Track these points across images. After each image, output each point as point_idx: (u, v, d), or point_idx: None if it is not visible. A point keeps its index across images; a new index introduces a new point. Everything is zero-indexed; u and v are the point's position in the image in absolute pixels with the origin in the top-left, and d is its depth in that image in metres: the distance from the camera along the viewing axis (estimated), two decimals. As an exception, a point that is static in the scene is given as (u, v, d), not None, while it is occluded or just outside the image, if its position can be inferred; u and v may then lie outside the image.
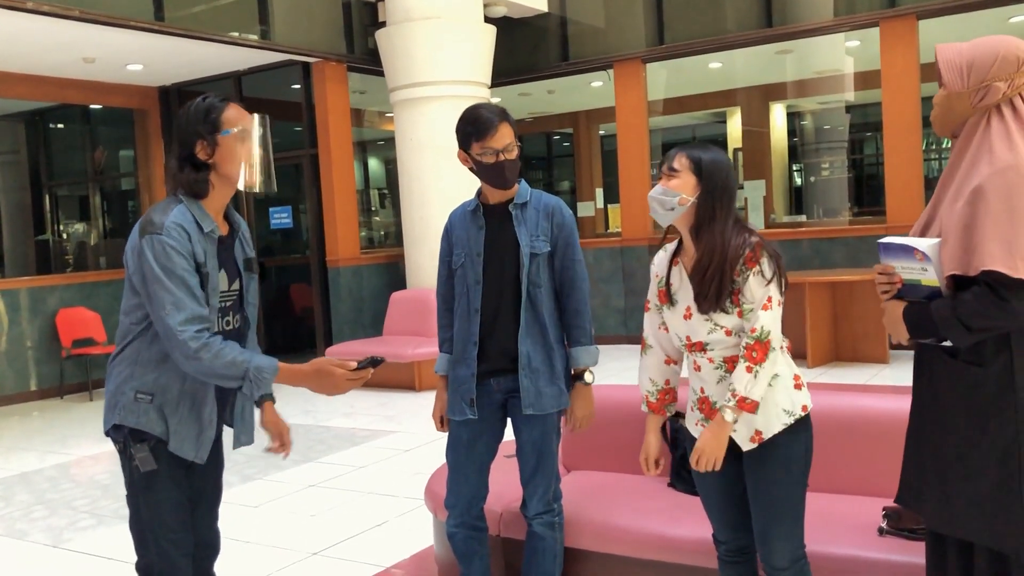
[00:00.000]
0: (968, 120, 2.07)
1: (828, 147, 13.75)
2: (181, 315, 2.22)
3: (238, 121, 2.37)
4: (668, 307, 2.56)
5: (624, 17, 9.84)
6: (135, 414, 2.35)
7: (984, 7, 8.19)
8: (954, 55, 2.09)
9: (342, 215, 9.22)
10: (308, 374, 2.30)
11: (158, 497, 2.39)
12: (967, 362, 2.03)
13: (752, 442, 2.46)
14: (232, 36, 8.18)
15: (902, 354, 8.18)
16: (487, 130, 2.82)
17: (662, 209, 2.48)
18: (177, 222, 2.28)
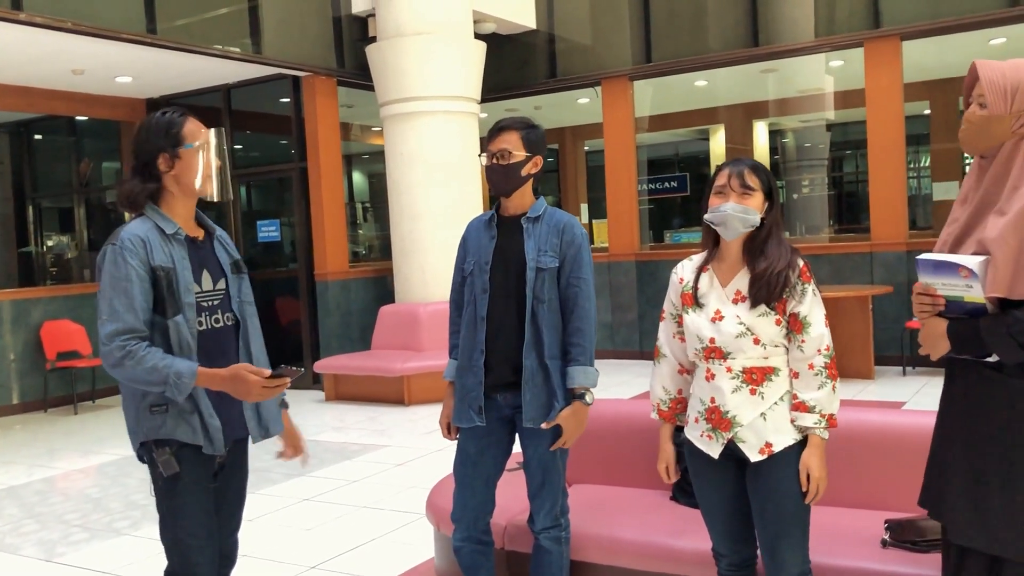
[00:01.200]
0: (1004, 143, 2.07)
1: (809, 165, 13.94)
2: (111, 326, 2.32)
3: (198, 135, 2.50)
4: (693, 309, 2.59)
5: (612, 35, 9.95)
6: (155, 427, 2.41)
7: (965, 29, 8.35)
8: (998, 76, 2.07)
9: (331, 228, 9.22)
10: (224, 378, 2.37)
11: (182, 501, 2.43)
12: (1007, 374, 2.03)
13: (761, 453, 2.50)
14: (223, 49, 8.19)
15: (887, 370, 8.28)
16: (491, 133, 2.98)
17: (743, 227, 2.53)
18: (133, 232, 2.40)
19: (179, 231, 2.47)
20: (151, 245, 2.39)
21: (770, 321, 2.49)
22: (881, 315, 8.36)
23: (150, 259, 2.38)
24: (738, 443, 2.52)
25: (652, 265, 9.86)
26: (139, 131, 2.50)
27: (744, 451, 2.51)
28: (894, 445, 3.14)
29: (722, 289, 2.57)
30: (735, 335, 2.50)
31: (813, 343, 2.48)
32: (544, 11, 10.21)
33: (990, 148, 2.10)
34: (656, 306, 9.68)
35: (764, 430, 2.49)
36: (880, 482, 3.13)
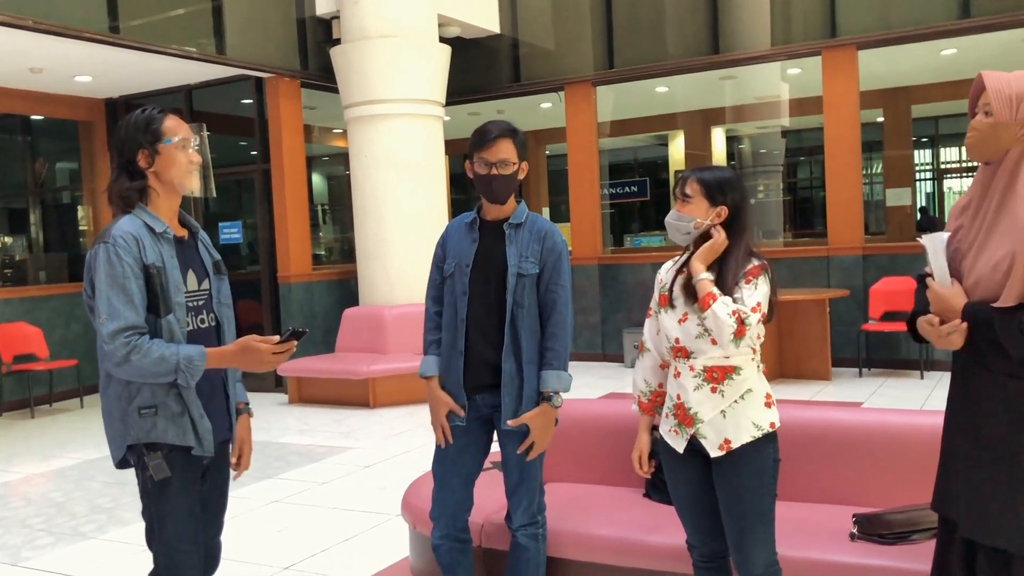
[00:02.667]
0: (1009, 151, 2.14)
1: (765, 170, 14.16)
2: (113, 324, 2.30)
3: (178, 130, 2.48)
4: (667, 310, 2.69)
5: (575, 41, 10.06)
6: (144, 430, 2.40)
7: (919, 40, 8.59)
8: (1004, 85, 2.14)
9: (294, 231, 9.19)
10: (234, 353, 2.38)
11: (172, 505, 2.43)
12: (1008, 376, 2.11)
13: (720, 449, 2.59)
14: (186, 50, 8.12)
15: (844, 371, 8.48)
16: (485, 141, 2.93)
17: (679, 234, 2.65)
18: (124, 230, 2.39)
19: (168, 230, 2.47)
20: (143, 243, 2.38)
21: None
22: (838, 318, 8.55)
23: (143, 257, 2.37)
24: (700, 439, 2.61)
25: (614, 269, 9.97)
26: (119, 129, 2.52)
27: (705, 447, 2.60)
28: (860, 442, 3.25)
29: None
30: (695, 336, 2.59)
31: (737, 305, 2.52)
32: (508, 16, 10.28)
33: (996, 155, 2.17)
34: (618, 310, 9.80)
35: (724, 427, 2.58)
36: (848, 478, 3.24)
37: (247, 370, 2.44)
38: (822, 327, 8.19)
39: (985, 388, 2.17)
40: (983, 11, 8.19)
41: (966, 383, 2.24)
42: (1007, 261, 2.08)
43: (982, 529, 2.16)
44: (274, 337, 2.37)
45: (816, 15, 8.92)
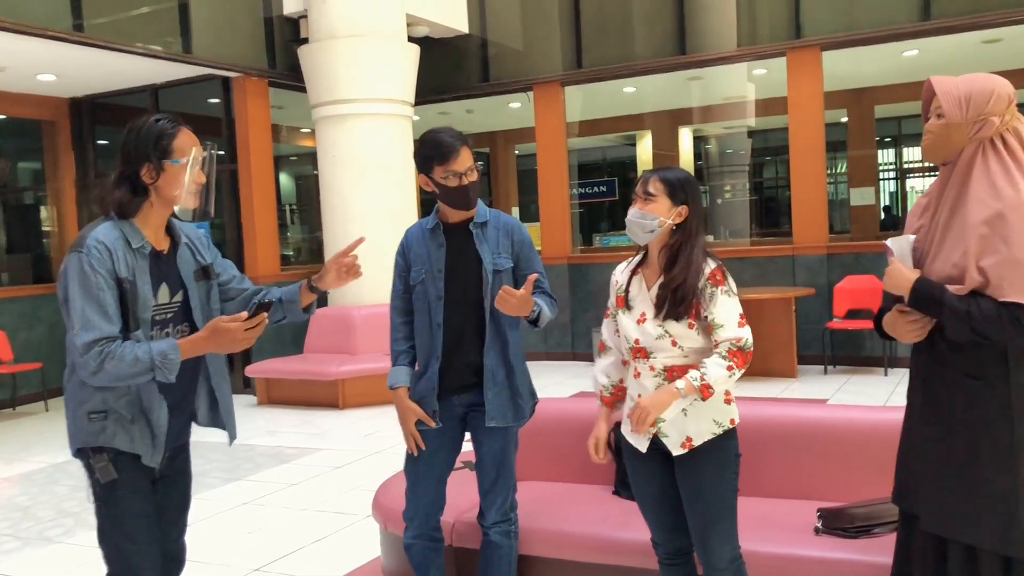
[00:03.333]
0: (963, 150, 2.21)
1: (732, 170, 14.31)
2: (87, 336, 2.26)
3: (188, 150, 2.40)
4: (624, 311, 2.72)
5: (543, 41, 10.10)
6: (93, 433, 2.39)
7: (881, 42, 8.72)
8: (952, 88, 2.22)
9: (262, 231, 9.14)
10: (206, 338, 2.34)
11: (121, 508, 2.41)
12: (965, 374, 2.18)
13: (682, 448, 2.63)
14: (152, 49, 8.05)
15: (809, 368, 8.59)
16: (450, 154, 2.91)
17: (641, 232, 2.65)
18: (99, 239, 2.33)
19: (145, 244, 2.41)
20: (116, 255, 2.33)
21: (683, 326, 2.61)
22: (803, 316, 8.66)
23: (116, 270, 2.32)
24: (661, 437, 2.64)
25: (583, 268, 10.03)
26: (128, 134, 2.42)
27: (667, 445, 2.64)
28: (823, 438, 3.32)
29: (647, 292, 2.69)
30: (655, 337, 2.63)
31: (725, 344, 2.57)
32: (477, 16, 10.30)
33: (951, 155, 2.24)
34: (587, 308, 9.85)
35: (685, 425, 2.62)
36: (813, 474, 3.30)
37: (223, 351, 2.39)
38: (788, 325, 8.30)
39: (945, 387, 2.23)
40: (943, 13, 8.34)
41: (926, 381, 2.30)
42: (964, 259, 2.14)
43: (944, 524, 2.22)
44: (242, 314, 2.32)
45: (781, 16, 9.03)
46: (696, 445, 2.61)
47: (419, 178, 3.03)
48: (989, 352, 2.16)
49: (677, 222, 2.64)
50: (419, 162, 2.99)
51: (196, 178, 2.42)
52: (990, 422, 2.16)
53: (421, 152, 2.97)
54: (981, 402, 2.16)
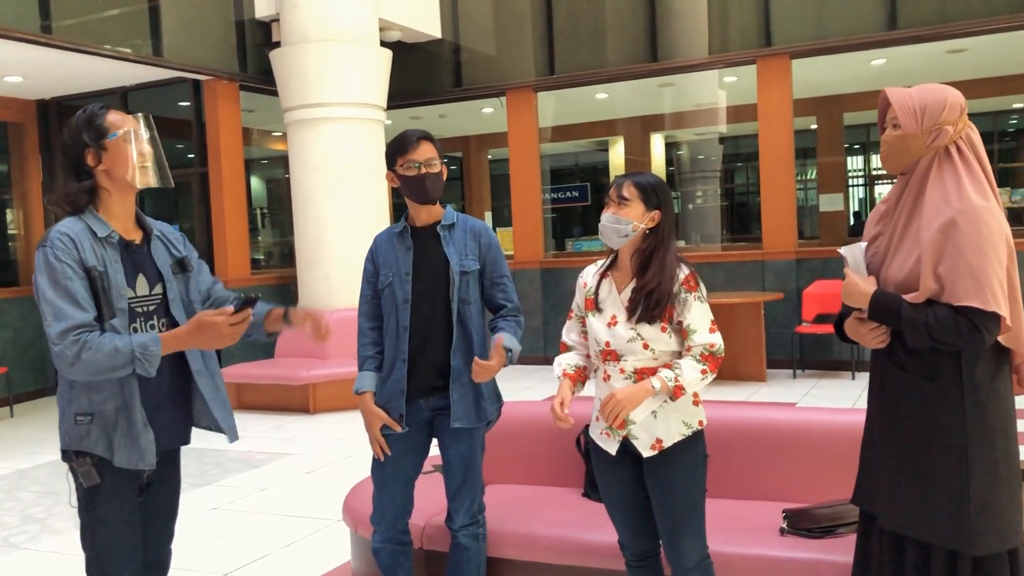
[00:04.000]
0: (920, 159, 2.27)
1: (703, 176, 14.44)
2: (60, 325, 2.23)
3: (122, 124, 2.41)
4: (594, 314, 2.74)
5: (515, 47, 10.13)
6: (77, 437, 2.36)
7: (849, 50, 8.85)
8: (906, 99, 2.28)
9: (232, 234, 9.09)
10: (189, 332, 2.31)
11: (103, 513, 2.39)
12: (921, 377, 2.24)
13: (652, 449, 2.65)
14: (121, 51, 7.99)
15: (778, 372, 8.67)
16: (409, 145, 2.98)
17: (616, 236, 2.67)
18: (62, 231, 2.32)
19: (112, 234, 2.39)
20: (81, 244, 2.31)
21: (656, 329, 2.63)
22: (772, 320, 8.75)
23: (82, 258, 2.30)
24: (632, 440, 2.67)
25: (556, 272, 10.06)
26: (63, 133, 2.44)
27: (637, 447, 2.66)
28: (790, 441, 3.36)
29: (618, 296, 2.71)
30: (626, 339, 2.65)
31: (698, 348, 2.62)
32: (449, 21, 10.32)
33: (908, 165, 2.30)
34: (559, 313, 9.88)
35: (655, 427, 2.64)
36: (778, 475, 3.34)
37: (207, 347, 2.37)
38: (757, 330, 8.37)
39: (902, 389, 2.28)
40: (909, 23, 8.48)
41: (884, 384, 2.35)
42: (919, 265, 2.20)
43: (901, 522, 2.27)
44: (228, 309, 2.30)
45: (751, 25, 9.13)
46: (666, 446, 2.64)
47: (387, 176, 3.07)
48: (943, 355, 2.21)
49: (650, 226, 2.67)
50: (387, 159, 3.05)
51: (141, 150, 2.42)
52: (943, 423, 2.21)
53: (388, 149, 3.06)
54: (935, 403, 2.22)
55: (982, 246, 2.12)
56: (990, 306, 2.11)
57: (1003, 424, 2.22)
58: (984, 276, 2.11)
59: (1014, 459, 2.25)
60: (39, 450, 7.01)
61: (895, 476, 2.29)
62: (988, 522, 2.17)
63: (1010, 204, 13.42)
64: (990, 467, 2.19)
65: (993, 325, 2.14)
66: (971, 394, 2.19)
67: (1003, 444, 2.21)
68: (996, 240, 2.14)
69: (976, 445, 2.18)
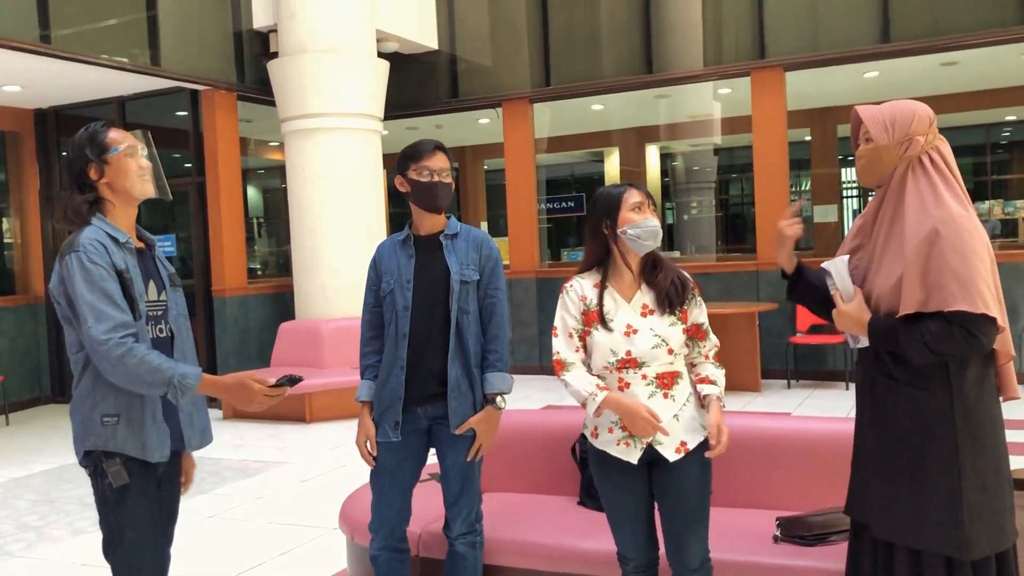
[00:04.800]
0: (895, 170, 2.34)
1: (698, 187, 14.50)
2: (103, 324, 2.30)
3: (123, 140, 2.52)
4: (598, 327, 2.71)
5: (512, 58, 10.19)
6: (105, 437, 2.41)
7: (842, 63, 8.92)
8: (876, 113, 2.36)
9: (229, 244, 9.11)
10: (228, 386, 2.42)
11: (132, 512, 2.44)
12: (910, 385, 2.28)
13: (677, 452, 2.68)
14: (119, 61, 8.02)
15: (773, 383, 8.71)
16: (424, 152, 3.05)
17: (654, 240, 2.72)
18: (92, 237, 2.40)
19: (129, 240, 2.50)
20: (110, 248, 2.41)
21: (678, 330, 2.70)
22: (767, 330, 8.79)
23: (113, 261, 2.39)
24: (656, 445, 2.67)
25: (551, 282, 10.09)
26: (67, 150, 2.55)
27: (662, 452, 2.68)
28: (784, 450, 3.39)
29: (627, 305, 2.72)
30: (651, 346, 2.67)
31: (710, 346, 2.80)
32: (446, 33, 10.38)
33: (884, 177, 2.36)
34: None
35: (678, 430, 2.68)
36: (772, 484, 3.37)
37: (236, 404, 2.47)
38: (752, 340, 8.41)
39: (891, 397, 2.32)
40: (901, 37, 8.55)
41: (872, 392, 2.39)
42: (905, 273, 2.24)
43: (893, 529, 2.30)
44: (269, 380, 2.42)
45: (746, 37, 9.20)
46: (691, 448, 2.68)
47: (396, 181, 3.11)
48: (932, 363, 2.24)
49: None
50: (398, 164, 3.09)
51: (141, 163, 2.53)
52: (933, 429, 2.24)
53: (401, 155, 3.10)
54: (924, 410, 2.25)
55: (965, 252, 2.17)
56: (979, 308, 2.15)
57: (991, 428, 2.26)
58: (970, 280, 2.16)
59: (1003, 462, 2.29)
60: (34, 459, 7.01)
61: (887, 485, 2.32)
62: (981, 527, 2.21)
63: (1003, 216, 13.50)
64: (980, 472, 2.23)
65: (987, 328, 2.18)
66: (959, 400, 2.23)
67: (992, 448, 2.25)
68: (978, 246, 2.19)
69: (966, 451, 2.22)
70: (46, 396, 9.71)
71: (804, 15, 8.98)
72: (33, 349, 9.54)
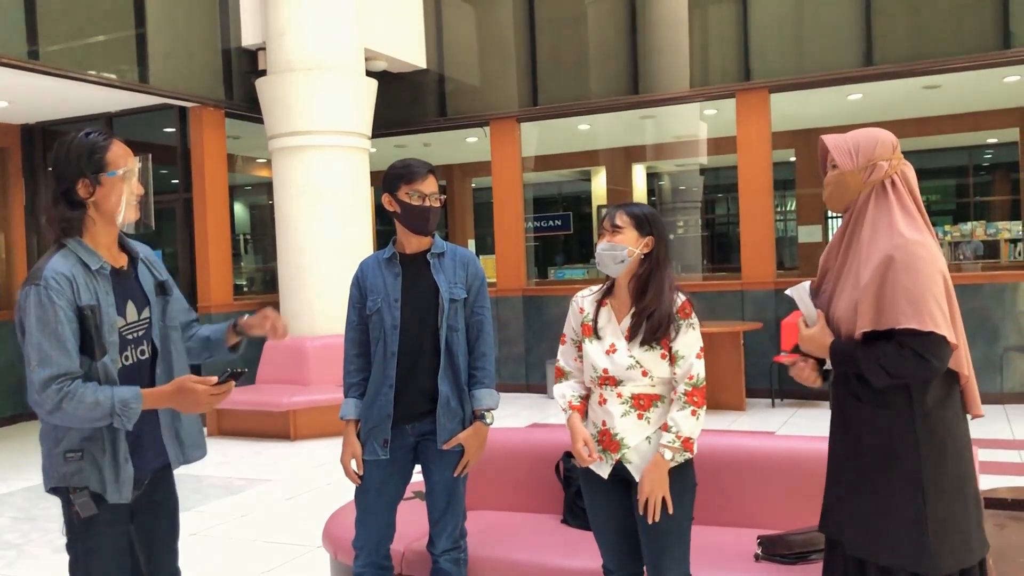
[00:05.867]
0: (860, 195, 2.40)
1: (684, 207, 14.57)
2: (44, 372, 2.23)
3: (123, 162, 2.39)
4: (591, 340, 2.80)
5: (500, 78, 10.27)
6: (68, 474, 2.36)
7: (827, 85, 9.02)
8: (841, 141, 2.43)
9: (215, 260, 9.10)
10: (171, 394, 2.33)
11: (97, 543, 2.40)
12: (874, 405, 2.33)
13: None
14: (108, 77, 8.04)
15: (757, 402, 8.75)
16: (417, 175, 3.04)
17: (612, 263, 2.74)
18: (57, 269, 2.29)
19: (104, 265, 2.39)
20: (76, 283, 2.30)
21: (656, 356, 2.71)
22: (751, 350, 8.83)
23: (76, 299, 2.30)
24: (625, 464, 2.72)
25: (538, 300, 10.13)
26: (58, 150, 2.39)
27: (630, 471, 2.72)
28: (765, 469, 3.42)
29: (617, 324, 2.78)
30: (626, 367, 2.71)
31: (682, 374, 2.70)
32: (434, 52, 10.45)
33: (850, 201, 2.43)
34: (541, 340, 9.93)
35: (648, 452, 2.70)
36: (753, 503, 3.39)
37: (185, 411, 2.40)
38: (736, 359, 8.46)
39: (859, 418, 2.38)
40: (884, 60, 8.67)
41: (843, 413, 2.44)
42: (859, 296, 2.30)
43: (863, 547, 2.34)
44: (212, 378, 2.32)
45: (731, 58, 9.31)
46: None
47: (384, 198, 3.11)
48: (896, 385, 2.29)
49: (645, 252, 2.76)
50: (386, 182, 3.08)
51: (135, 189, 2.42)
52: (897, 449, 2.29)
53: (390, 173, 3.09)
54: (889, 431, 2.31)
55: (916, 274, 2.22)
56: (927, 326, 2.19)
57: (955, 447, 2.30)
58: (920, 299, 2.20)
59: (969, 480, 2.33)
60: (15, 475, 6.96)
61: (856, 503, 2.37)
62: (947, 543, 2.25)
63: (985, 237, 13.64)
64: (946, 490, 2.27)
65: (938, 349, 2.22)
66: (922, 420, 2.28)
67: (957, 466, 2.30)
68: (930, 269, 2.24)
69: (930, 469, 2.26)
70: (28, 412, 9.63)
71: (788, 38, 9.09)
72: (16, 365, 9.47)
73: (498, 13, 10.30)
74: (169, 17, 8.65)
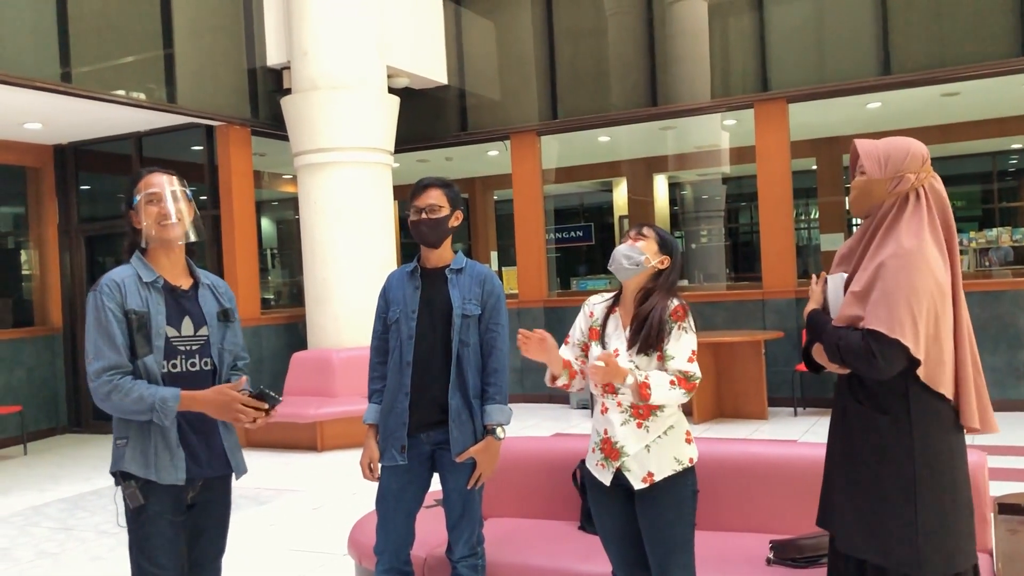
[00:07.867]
0: (883, 203, 2.45)
1: (707, 216, 14.59)
2: (97, 364, 2.58)
3: (144, 188, 2.73)
4: (597, 344, 2.90)
5: (520, 92, 10.40)
6: (119, 460, 2.64)
7: (845, 94, 9.07)
8: (872, 148, 2.48)
9: (243, 275, 9.28)
10: (208, 399, 2.60)
11: (147, 531, 2.61)
12: (875, 410, 2.40)
13: (644, 482, 2.79)
14: (137, 98, 8.26)
15: (780, 411, 8.77)
16: (416, 191, 3.24)
17: (626, 263, 2.84)
18: (112, 278, 2.66)
19: (157, 279, 2.70)
20: (126, 289, 2.64)
21: (653, 362, 2.80)
22: (773, 359, 8.87)
23: (124, 303, 2.62)
24: (624, 472, 2.81)
25: (560, 311, 10.22)
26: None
27: (629, 479, 2.80)
28: (777, 474, 3.48)
29: (623, 332, 2.87)
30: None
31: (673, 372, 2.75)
32: (455, 68, 10.60)
33: (873, 208, 2.48)
34: (563, 351, 9.99)
35: (647, 461, 2.79)
36: (765, 508, 3.46)
37: (218, 417, 2.64)
38: (758, 368, 8.49)
39: (858, 422, 2.44)
40: (902, 68, 8.70)
41: (844, 415, 2.51)
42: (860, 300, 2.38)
43: (853, 545, 2.42)
44: (247, 390, 2.59)
45: (750, 69, 9.38)
46: (657, 480, 2.78)
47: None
48: (891, 389, 2.36)
49: (659, 267, 2.85)
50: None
51: (152, 212, 2.69)
52: (892, 453, 2.36)
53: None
54: (886, 436, 2.37)
55: (901, 281, 2.28)
56: (894, 333, 2.26)
57: (949, 458, 2.36)
58: (896, 305, 2.27)
59: (963, 488, 2.39)
60: (52, 487, 7.14)
61: (850, 502, 2.44)
62: (937, 547, 2.31)
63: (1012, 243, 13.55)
64: (938, 495, 2.33)
65: (892, 354, 2.28)
66: (919, 427, 2.34)
67: (950, 474, 2.35)
68: (919, 280, 2.28)
69: (924, 475, 2.32)
70: (63, 426, 9.87)
71: (807, 48, 9.15)
72: (51, 380, 9.71)
73: (518, 28, 10.44)
74: (196, 38, 8.86)
